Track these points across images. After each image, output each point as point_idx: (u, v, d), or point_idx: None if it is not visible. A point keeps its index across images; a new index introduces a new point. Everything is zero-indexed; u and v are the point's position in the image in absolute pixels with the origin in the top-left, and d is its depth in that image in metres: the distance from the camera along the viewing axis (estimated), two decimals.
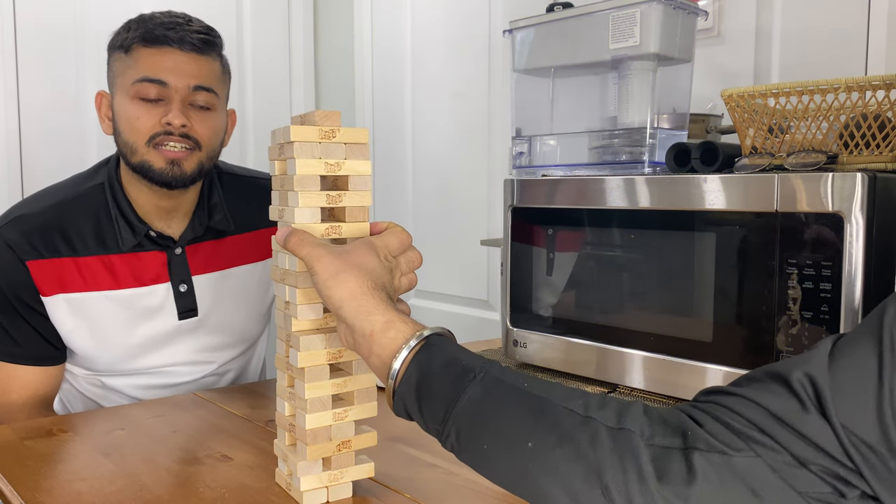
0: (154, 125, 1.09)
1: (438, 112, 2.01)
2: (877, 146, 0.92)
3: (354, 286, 0.63)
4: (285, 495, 0.74)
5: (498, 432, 0.56)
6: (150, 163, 1.10)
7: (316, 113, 0.69)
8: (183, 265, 1.20)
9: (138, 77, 1.09)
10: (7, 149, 1.89)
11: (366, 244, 0.67)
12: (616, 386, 1.09)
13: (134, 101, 1.10)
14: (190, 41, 1.10)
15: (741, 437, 0.51)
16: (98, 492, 0.75)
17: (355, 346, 0.65)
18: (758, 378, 0.54)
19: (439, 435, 0.60)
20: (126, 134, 1.11)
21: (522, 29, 1.27)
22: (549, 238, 1.16)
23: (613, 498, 0.51)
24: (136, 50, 1.10)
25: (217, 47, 1.16)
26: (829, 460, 0.50)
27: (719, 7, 1.38)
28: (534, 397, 0.56)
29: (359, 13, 2.26)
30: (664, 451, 0.52)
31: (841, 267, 0.83)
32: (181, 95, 1.10)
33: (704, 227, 0.96)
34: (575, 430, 0.53)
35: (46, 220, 1.13)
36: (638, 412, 0.55)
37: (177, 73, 1.09)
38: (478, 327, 1.89)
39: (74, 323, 1.14)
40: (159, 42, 1.09)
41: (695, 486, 0.50)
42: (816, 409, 0.50)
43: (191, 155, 1.12)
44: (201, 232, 1.21)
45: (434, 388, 0.60)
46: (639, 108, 1.15)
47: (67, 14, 1.96)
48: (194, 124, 1.11)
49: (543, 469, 0.53)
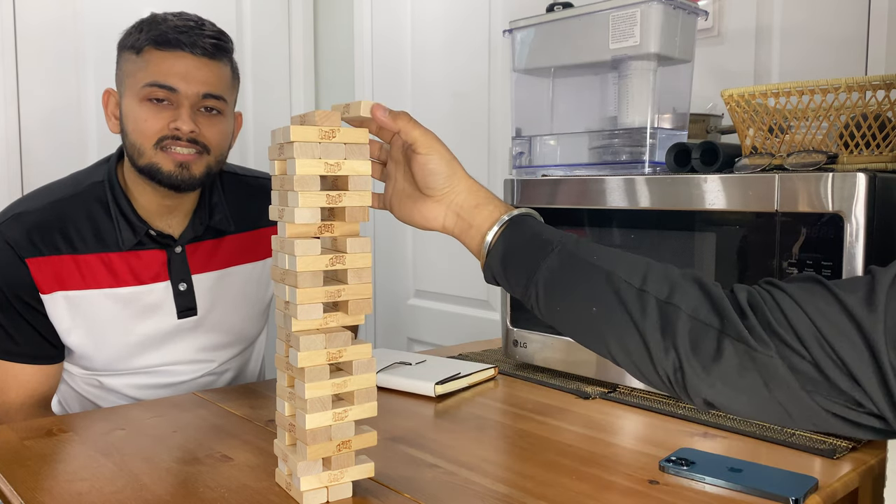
0: (162, 128, 1.09)
1: (438, 112, 2.01)
2: (877, 146, 0.92)
3: (461, 168, 0.78)
4: (285, 495, 0.74)
5: (569, 298, 0.68)
6: (159, 165, 1.10)
7: (316, 113, 0.69)
8: (183, 264, 1.20)
9: (148, 81, 1.09)
10: (7, 148, 1.89)
11: (440, 142, 0.77)
12: (616, 386, 1.09)
13: (143, 104, 1.10)
14: (202, 46, 1.10)
15: (773, 338, 0.58)
16: (98, 492, 0.75)
17: (456, 220, 0.77)
18: (813, 286, 0.60)
19: (523, 297, 0.72)
20: (133, 135, 1.11)
21: (522, 29, 1.27)
22: None
23: (654, 356, 0.63)
24: (148, 52, 1.09)
25: (228, 52, 1.16)
26: (851, 383, 0.56)
27: (719, 7, 1.38)
28: (601, 270, 0.67)
29: (359, 13, 2.26)
30: (703, 327, 0.61)
31: (841, 267, 0.83)
32: (191, 101, 1.10)
33: (704, 227, 0.96)
34: (630, 300, 0.64)
35: (46, 217, 1.13)
36: (690, 287, 0.63)
37: (187, 79, 1.09)
38: (478, 327, 1.89)
39: (73, 320, 1.14)
40: (171, 46, 1.09)
41: (717, 365, 0.60)
42: (860, 336, 0.56)
43: (199, 158, 1.12)
44: (202, 231, 1.22)
45: (518, 258, 0.72)
46: (639, 108, 1.15)
47: (67, 13, 1.96)
48: (202, 129, 1.12)
49: (604, 330, 0.66)
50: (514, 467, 0.82)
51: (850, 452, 0.83)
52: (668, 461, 0.79)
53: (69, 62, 1.97)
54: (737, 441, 0.88)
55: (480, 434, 0.92)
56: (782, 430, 0.89)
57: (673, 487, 0.75)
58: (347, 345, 0.71)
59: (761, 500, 0.71)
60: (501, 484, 0.76)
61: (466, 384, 1.12)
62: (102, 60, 1.97)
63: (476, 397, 1.08)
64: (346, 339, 0.71)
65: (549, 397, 1.07)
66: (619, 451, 0.86)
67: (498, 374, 1.19)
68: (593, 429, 0.93)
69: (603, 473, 0.79)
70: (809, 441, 0.86)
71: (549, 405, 1.03)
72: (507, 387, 1.13)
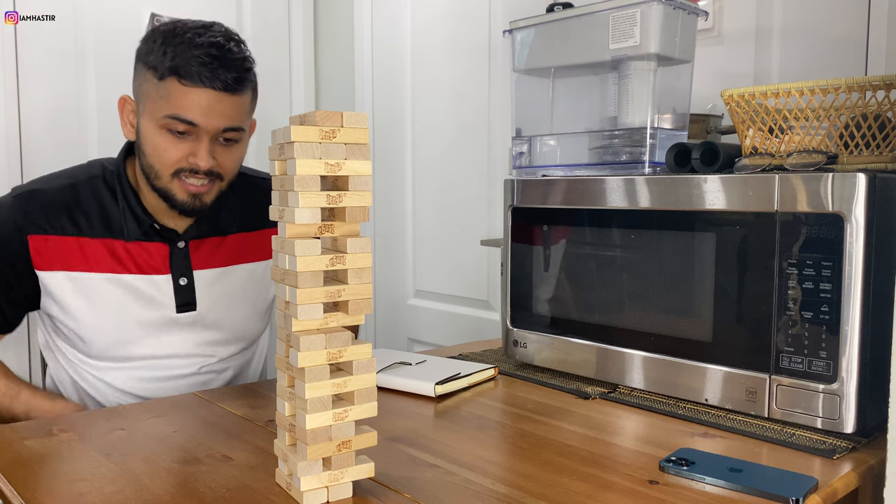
0: (180, 160, 1.11)
1: (438, 112, 2.01)
2: (877, 146, 0.92)
3: None
4: (285, 495, 0.74)
5: None
6: (173, 192, 1.13)
7: (316, 113, 0.69)
8: (185, 259, 1.21)
9: (169, 113, 1.09)
10: (7, 148, 1.89)
11: None
12: (616, 386, 1.09)
13: (162, 132, 1.10)
14: (224, 80, 1.09)
15: None
16: (98, 492, 0.75)
17: None
18: None
19: None
20: (151, 158, 1.13)
21: (522, 29, 1.27)
22: (549, 238, 1.16)
23: None
24: (170, 82, 1.08)
25: (251, 82, 1.15)
26: None
27: (719, 7, 1.38)
28: None
29: (359, 13, 2.26)
30: None
31: (841, 267, 0.83)
32: (210, 135, 1.11)
33: (704, 227, 0.96)
34: None
35: (59, 198, 1.17)
36: None
37: (208, 115, 1.09)
38: (478, 327, 1.89)
39: (75, 300, 1.16)
40: (194, 80, 1.07)
41: None
42: None
43: (212, 186, 1.15)
44: (207, 229, 1.23)
45: None
46: (639, 108, 1.15)
47: (68, 13, 1.96)
48: (219, 159, 1.13)
49: None
50: (514, 467, 0.82)
51: (850, 452, 0.83)
52: (668, 461, 0.79)
53: (69, 62, 1.97)
54: (737, 441, 0.88)
55: (480, 434, 0.92)
56: (782, 430, 0.89)
57: (673, 487, 0.75)
58: (347, 345, 0.71)
59: (761, 500, 0.71)
60: (501, 484, 0.76)
61: (466, 384, 1.12)
62: (102, 60, 1.97)
63: (476, 397, 1.08)
64: (346, 339, 0.71)
65: (549, 397, 1.07)
66: (618, 451, 0.86)
67: (498, 374, 1.20)
68: (593, 429, 0.93)
69: (603, 473, 0.79)
70: (809, 441, 0.86)
71: (549, 405, 1.03)
72: (507, 387, 1.13)
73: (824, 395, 0.85)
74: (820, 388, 0.86)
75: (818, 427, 0.86)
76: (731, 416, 0.95)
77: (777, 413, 0.90)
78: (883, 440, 0.69)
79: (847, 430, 0.84)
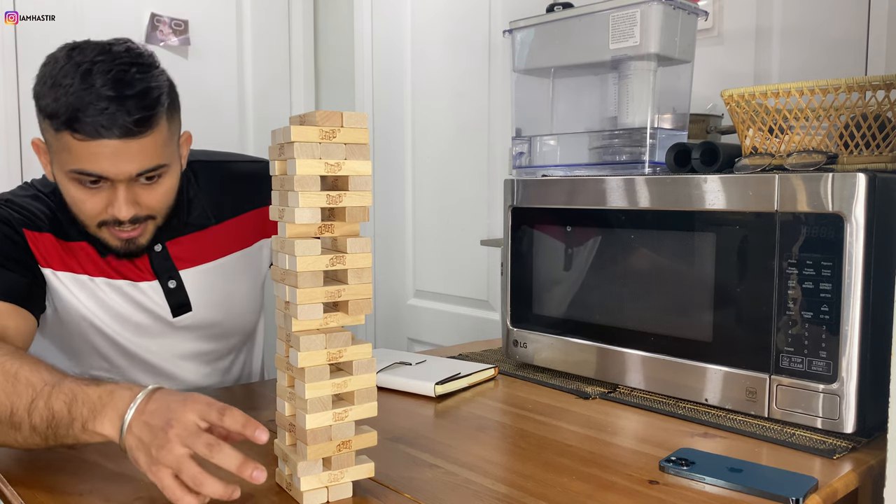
0: (100, 212, 1.03)
1: (438, 112, 2.01)
2: (877, 146, 0.92)
3: None
4: (285, 495, 0.74)
5: None
6: (105, 240, 1.07)
7: (316, 113, 0.69)
8: (166, 261, 1.17)
9: (74, 168, 0.98)
10: (7, 148, 1.89)
11: None
12: (616, 386, 1.09)
13: (74, 184, 1.01)
14: (123, 128, 0.95)
15: None
16: (98, 492, 0.75)
17: None
18: None
19: None
20: (73, 209, 1.05)
21: (522, 29, 1.27)
22: (549, 238, 1.16)
23: None
24: (66, 136, 0.96)
25: (161, 112, 1.00)
26: None
27: (719, 7, 1.38)
28: None
29: (359, 13, 2.26)
30: None
31: (841, 267, 0.83)
32: (124, 183, 1.01)
33: (704, 227, 0.96)
34: None
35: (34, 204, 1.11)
36: None
37: (116, 164, 0.98)
38: (478, 327, 1.89)
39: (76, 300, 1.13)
40: (90, 134, 0.95)
41: None
42: None
43: (145, 229, 1.08)
44: (179, 226, 1.19)
45: None
46: (639, 108, 1.15)
47: (68, 13, 1.96)
48: (144, 201, 1.04)
49: None
50: (514, 467, 0.82)
51: (850, 452, 0.83)
52: (668, 461, 0.79)
53: None
54: (737, 441, 0.88)
55: (480, 434, 0.92)
56: (782, 430, 0.89)
57: (673, 487, 0.75)
58: (347, 345, 0.71)
59: (761, 500, 0.71)
60: (501, 484, 0.76)
61: (466, 384, 1.12)
62: None
63: (476, 397, 1.08)
64: (346, 340, 0.71)
65: (549, 397, 1.07)
66: (618, 451, 0.86)
67: (498, 374, 1.20)
68: (593, 429, 0.93)
69: (603, 473, 0.79)
70: (809, 441, 0.86)
71: (549, 405, 1.03)
72: (507, 387, 1.13)
73: (824, 395, 0.85)
74: (820, 388, 0.86)
75: (818, 427, 0.87)
76: (731, 416, 0.95)
77: (777, 413, 0.90)
78: (883, 440, 0.69)
79: (847, 430, 0.84)
